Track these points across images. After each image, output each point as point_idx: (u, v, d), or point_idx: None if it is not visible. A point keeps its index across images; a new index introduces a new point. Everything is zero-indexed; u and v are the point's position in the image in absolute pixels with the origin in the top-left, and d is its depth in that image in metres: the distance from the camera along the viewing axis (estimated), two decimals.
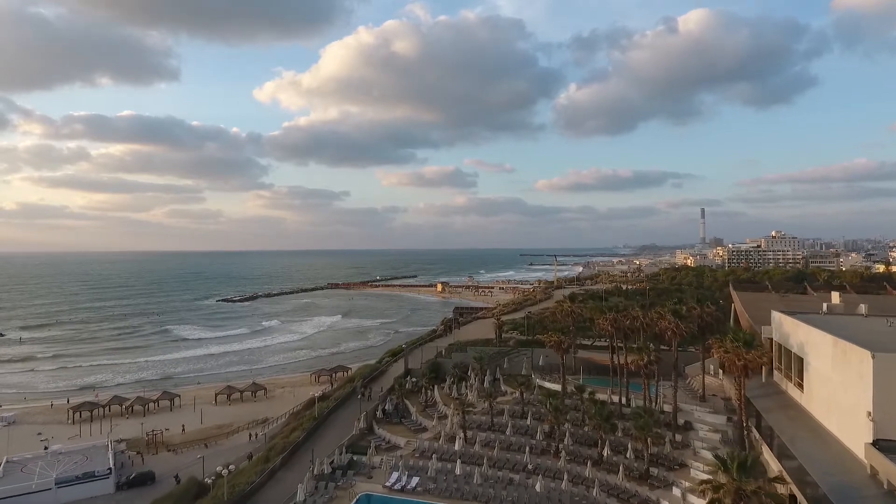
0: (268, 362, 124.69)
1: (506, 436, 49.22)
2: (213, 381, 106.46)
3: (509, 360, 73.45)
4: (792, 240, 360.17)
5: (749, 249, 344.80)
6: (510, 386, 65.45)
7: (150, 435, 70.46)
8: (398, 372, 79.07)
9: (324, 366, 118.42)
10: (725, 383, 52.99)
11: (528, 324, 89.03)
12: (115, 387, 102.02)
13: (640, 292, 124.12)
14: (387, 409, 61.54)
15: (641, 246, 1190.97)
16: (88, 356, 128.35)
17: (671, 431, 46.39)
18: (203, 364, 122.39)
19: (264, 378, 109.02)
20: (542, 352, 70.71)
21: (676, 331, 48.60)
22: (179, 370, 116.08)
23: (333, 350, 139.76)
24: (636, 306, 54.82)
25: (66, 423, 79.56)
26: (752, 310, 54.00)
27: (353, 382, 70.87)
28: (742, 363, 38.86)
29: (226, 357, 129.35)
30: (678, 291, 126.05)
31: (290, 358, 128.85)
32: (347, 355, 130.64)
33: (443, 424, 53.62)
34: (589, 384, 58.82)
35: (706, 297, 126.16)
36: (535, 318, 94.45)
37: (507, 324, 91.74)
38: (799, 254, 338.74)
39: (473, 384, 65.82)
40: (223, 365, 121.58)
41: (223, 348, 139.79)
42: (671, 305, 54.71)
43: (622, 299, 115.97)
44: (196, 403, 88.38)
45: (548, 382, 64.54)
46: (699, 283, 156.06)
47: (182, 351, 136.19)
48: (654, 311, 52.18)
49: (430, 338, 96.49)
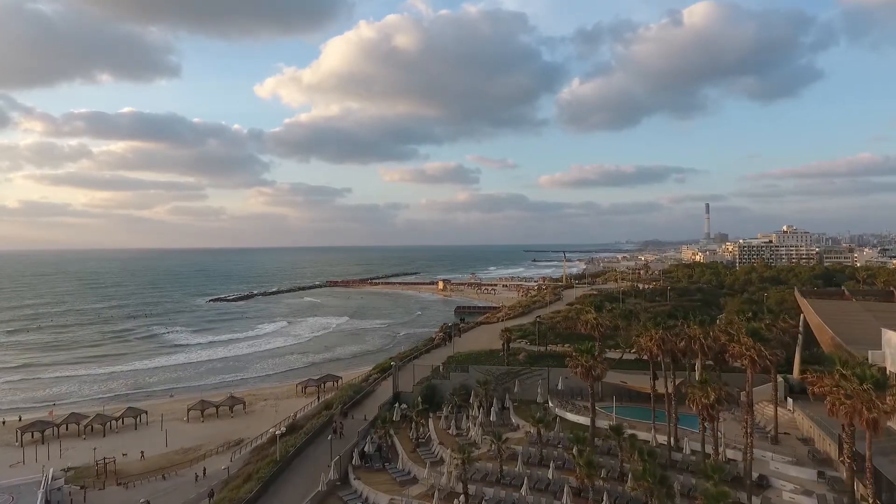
0: (253, 370, 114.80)
1: (521, 495, 37.39)
2: (189, 392, 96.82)
3: (520, 381, 61.68)
4: (804, 234, 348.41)
5: (761, 245, 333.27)
6: (522, 417, 54.07)
7: (102, 463, 60.68)
8: (386, 394, 67.38)
9: (313, 374, 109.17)
10: (798, 417, 42.20)
11: (540, 331, 78.57)
12: (78, 402, 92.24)
13: (658, 292, 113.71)
14: (366, 451, 49.26)
15: (644, 241, 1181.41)
16: (61, 365, 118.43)
17: (744, 492, 34.04)
18: (182, 373, 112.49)
19: (247, 388, 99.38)
20: (560, 372, 58.80)
21: (758, 359, 35.20)
22: (154, 380, 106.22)
23: (327, 356, 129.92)
24: (692, 323, 42.93)
25: (14, 446, 69.86)
26: (837, 324, 43.26)
27: (331, 409, 59.15)
28: (872, 415, 26.39)
29: (208, 365, 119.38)
30: (698, 291, 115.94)
31: (279, 365, 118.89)
32: (340, 363, 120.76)
33: (438, 473, 41.45)
34: (623, 416, 48.09)
35: (714, 297, 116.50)
36: (546, 325, 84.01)
37: (515, 330, 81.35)
38: (813, 249, 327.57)
39: (477, 416, 54.51)
40: (203, 374, 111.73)
41: (207, 354, 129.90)
42: (743, 319, 41.52)
43: (641, 300, 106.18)
44: (165, 420, 78.71)
45: (570, 413, 53.24)
46: (719, 281, 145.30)
47: (161, 357, 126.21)
48: (717, 328, 41.17)
49: (427, 348, 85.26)
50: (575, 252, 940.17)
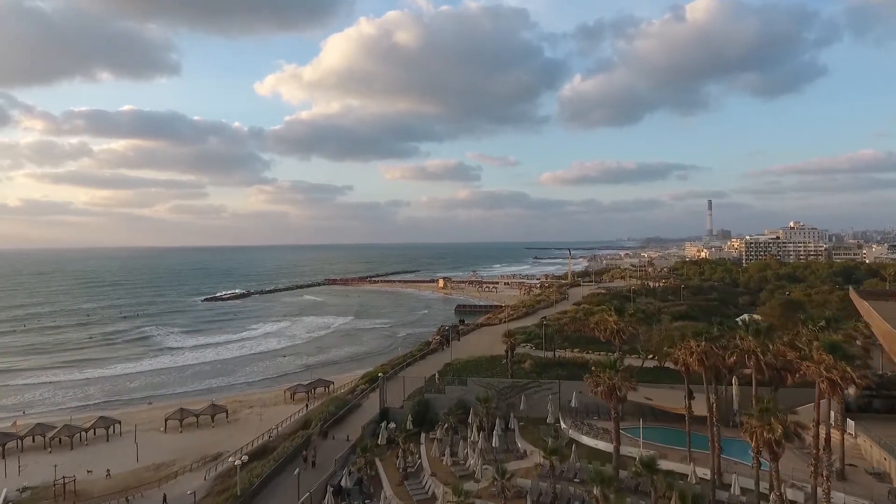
0: (242, 374, 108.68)
1: None
2: (171, 399, 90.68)
3: (527, 396, 54.03)
4: (812, 231, 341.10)
5: (768, 241, 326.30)
6: (530, 440, 46.99)
7: (60, 483, 54.66)
8: (373, 409, 59.63)
9: (304, 379, 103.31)
10: (864, 443, 35.48)
11: (546, 334, 71.95)
12: (48, 411, 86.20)
13: (671, 290, 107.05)
14: (344, 486, 41.43)
15: (646, 239, 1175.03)
16: (38, 370, 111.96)
17: None
18: (165, 377, 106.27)
19: (233, 394, 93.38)
20: (572, 385, 51.40)
21: (842, 382, 28.31)
22: (135, 385, 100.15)
23: (321, 357, 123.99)
24: (746, 334, 35.38)
25: None
26: None
27: (309, 428, 52.00)
28: None
29: (194, 369, 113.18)
30: (712, 289, 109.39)
31: (269, 369, 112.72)
32: (334, 366, 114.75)
33: None
34: (651, 440, 41.31)
35: (731, 296, 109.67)
36: (552, 327, 77.46)
37: (519, 333, 74.93)
38: (821, 246, 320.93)
39: (477, 441, 46.90)
40: (188, 379, 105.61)
41: (195, 357, 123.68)
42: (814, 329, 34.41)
43: (653, 299, 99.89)
44: (140, 431, 72.51)
45: (587, 437, 45.93)
46: (732, 279, 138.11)
47: (147, 361, 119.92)
48: (780, 342, 34.26)
49: (422, 353, 78.15)
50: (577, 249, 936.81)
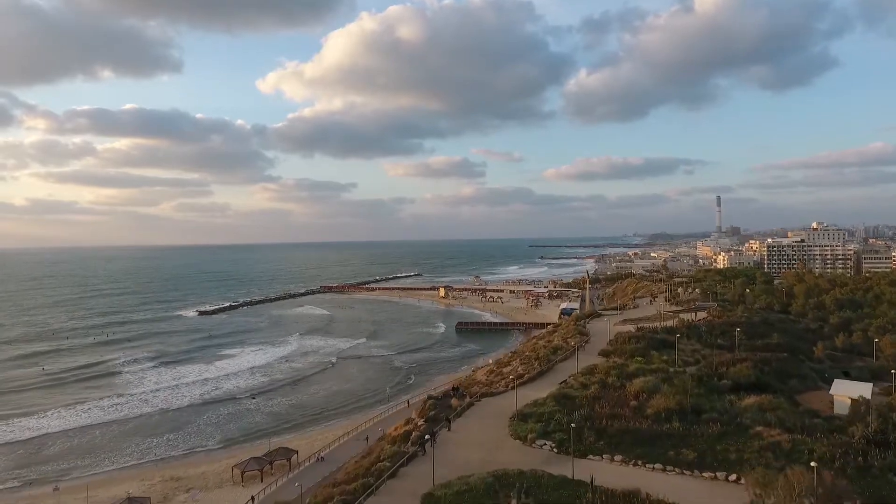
0: (190, 430, 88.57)
1: None
2: (82, 480, 71.46)
3: None
4: (836, 232, 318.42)
5: (791, 244, 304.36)
6: None
7: None
8: None
9: (266, 435, 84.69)
10: None
11: (574, 422, 50.09)
12: None
13: (718, 330, 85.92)
14: None
15: (653, 234, 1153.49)
16: None
17: None
18: (98, 436, 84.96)
19: (169, 469, 74.17)
20: None
21: None
22: (54, 452, 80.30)
23: (293, 402, 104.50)
24: None
25: None
26: None
27: None
28: None
29: (138, 421, 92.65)
30: (768, 325, 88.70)
31: (224, 422, 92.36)
32: (304, 419, 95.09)
33: None
34: None
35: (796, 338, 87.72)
36: (579, 409, 56.19)
37: (531, 415, 55.14)
38: (850, 249, 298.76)
39: None
40: (124, 437, 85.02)
41: (147, 403, 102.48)
42: None
43: (698, 344, 79.83)
44: None
45: None
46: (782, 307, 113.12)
47: (86, 410, 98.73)
48: None
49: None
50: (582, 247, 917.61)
